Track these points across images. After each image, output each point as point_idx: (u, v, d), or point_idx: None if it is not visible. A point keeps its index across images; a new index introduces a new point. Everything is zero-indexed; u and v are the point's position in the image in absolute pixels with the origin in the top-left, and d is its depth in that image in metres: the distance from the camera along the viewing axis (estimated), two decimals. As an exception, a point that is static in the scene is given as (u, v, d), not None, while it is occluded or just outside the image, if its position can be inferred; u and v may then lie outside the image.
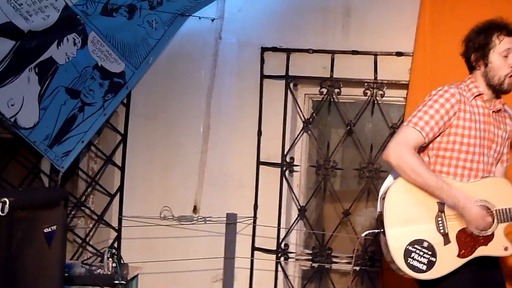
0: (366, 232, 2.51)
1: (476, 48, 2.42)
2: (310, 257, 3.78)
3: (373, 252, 3.71)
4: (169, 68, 3.87)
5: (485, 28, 2.43)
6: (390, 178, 2.49)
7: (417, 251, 2.26)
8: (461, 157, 2.36)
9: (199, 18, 3.81)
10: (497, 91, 2.46)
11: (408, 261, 2.25)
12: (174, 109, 3.86)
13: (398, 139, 2.30)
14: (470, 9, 3.60)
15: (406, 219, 2.28)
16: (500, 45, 2.37)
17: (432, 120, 2.30)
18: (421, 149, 2.46)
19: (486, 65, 2.40)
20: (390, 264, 2.38)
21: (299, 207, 3.76)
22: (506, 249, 2.36)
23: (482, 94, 2.43)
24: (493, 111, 2.49)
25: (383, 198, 2.32)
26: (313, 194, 3.78)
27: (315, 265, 3.74)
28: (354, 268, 3.68)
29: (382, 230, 2.30)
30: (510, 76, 2.41)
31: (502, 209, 2.33)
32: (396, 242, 2.27)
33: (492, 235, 2.34)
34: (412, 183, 2.27)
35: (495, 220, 2.34)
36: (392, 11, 3.67)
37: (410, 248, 2.26)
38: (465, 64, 2.61)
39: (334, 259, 3.75)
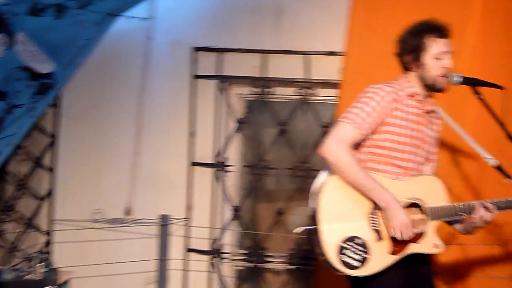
0: (300, 229, 2.52)
1: (409, 50, 2.43)
2: (245, 257, 3.79)
3: (307, 250, 3.75)
4: (100, 68, 3.86)
5: (419, 30, 2.49)
6: (323, 174, 2.50)
7: (350, 248, 2.28)
8: (394, 155, 2.37)
9: (130, 17, 3.79)
10: (432, 90, 2.52)
11: (341, 258, 2.26)
12: (106, 110, 3.85)
13: (335, 135, 2.31)
14: (401, 7, 3.69)
15: (339, 215, 2.29)
16: (434, 47, 2.40)
17: (369, 117, 2.31)
18: (355, 145, 2.49)
19: (420, 67, 2.42)
20: (323, 261, 2.40)
21: (233, 207, 3.77)
22: (436, 246, 2.40)
23: (416, 93, 2.50)
24: (425, 112, 2.55)
25: (317, 194, 2.38)
26: (247, 194, 3.80)
27: (250, 265, 3.77)
28: (289, 267, 3.71)
29: (315, 226, 2.30)
30: (443, 77, 2.47)
31: (433, 207, 2.37)
32: (329, 238, 2.27)
33: (424, 232, 2.37)
34: (346, 181, 2.28)
35: (427, 218, 2.37)
36: (323, 10, 3.74)
37: (343, 244, 2.27)
38: (397, 63, 2.65)
39: (268, 259, 3.78)
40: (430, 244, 2.39)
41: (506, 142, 3.57)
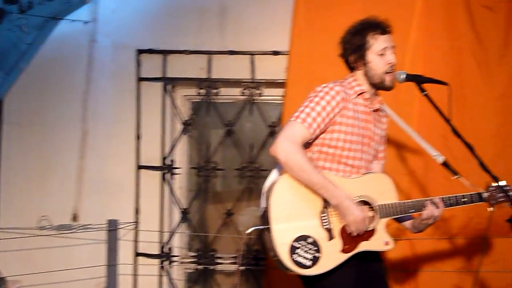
0: (251, 229, 2.51)
1: (353, 50, 2.49)
2: (195, 260, 3.82)
3: (258, 251, 3.79)
4: (42, 73, 3.84)
5: (360, 29, 2.49)
6: (274, 174, 2.54)
7: (302, 247, 2.30)
8: (343, 154, 2.43)
9: (72, 21, 3.80)
10: (380, 88, 2.57)
11: (293, 257, 2.29)
12: (50, 115, 3.84)
13: (285, 134, 2.33)
14: (344, 6, 3.76)
15: (291, 215, 2.31)
16: (376, 44, 2.45)
17: (319, 116, 2.35)
18: (306, 144, 2.53)
19: (365, 65, 2.47)
20: (275, 261, 2.42)
21: (181, 210, 3.79)
22: (386, 243, 2.45)
23: (364, 92, 2.49)
24: (372, 110, 2.60)
25: (268, 194, 2.35)
26: (195, 196, 3.82)
27: (200, 267, 3.80)
28: (239, 268, 3.73)
29: (267, 226, 2.31)
30: (389, 73, 2.52)
31: (383, 205, 2.42)
32: (281, 238, 2.29)
33: (374, 230, 2.42)
34: (297, 180, 2.31)
35: (376, 215, 2.42)
36: (267, 10, 3.79)
37: (295, 244, 2.29)
38: (340, 61, 2.69)
39: (218, 260, 3.80)
40: (380, 241, 2.44)
41: (451, 138, 3.69)
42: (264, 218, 2.34)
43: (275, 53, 3.72)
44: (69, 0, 3.70)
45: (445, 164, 2.71)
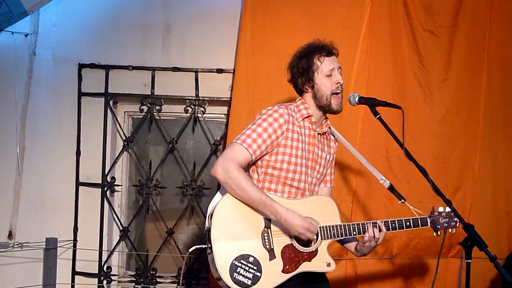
0: (192, 248, 2.68)
1: (301, 73, 2.68)
2: (134, 279, 3.98)
3: (198, 270, 3.96)
4: (-20, 86, 3.94)
5: (306, 52, 2.70)
6: (218, 196, 2.64)
7: (243, 266, 2.45)
8: (288, 176, 2.61)
9: (12, 33, 3.94)
10: (327, 111, 2.72)
11: (234, 276, 2.44)
12: (-14, 129, 3.94)
13: (226, 155, 2.50)
14: (290, 27, 3.98)
15: (233, 234, 2.48)
16: (323, 65, 2.66)
17: (260, 138, 2.53)
18: (251, 165, 2.66)
19: (313, 87, 2.67)
20: (217, 280, 2.53)
21: (120, 228, 3.95)
22: (328, 265, 2.63)
23: (311, 116, 2.68)
24: (318, 133, 2.74)
25: (211, 213, 2.52)
26: (135, 214, 4.00)
27: (139, 286, 3.96)
28: (180, 287, 3.91)
29: (209, 245, 2.47)
30: (335, 94, 2.68)
31: (326, 226, 2.61)
32: (222, 257, 2.45)
33: (316, 251, 2.60)
34: (238, 199, 2.49)
35: (319, 237, 2.60)
36: (212, 28, 4.02)
37: (236, 263, 2.45)
38: (286, 82, 2.91)
39: (158, 279, 3.96)
40: (322, 262, 2.61)
41: (393, 159, 3.94)
42: (207, 238, 2.49)
43: (219, 71, 3.95)
44: (9, 11, 3.83)
45: (391, 189, 2.95)
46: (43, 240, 3.94)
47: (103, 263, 4.01)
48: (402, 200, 2.88)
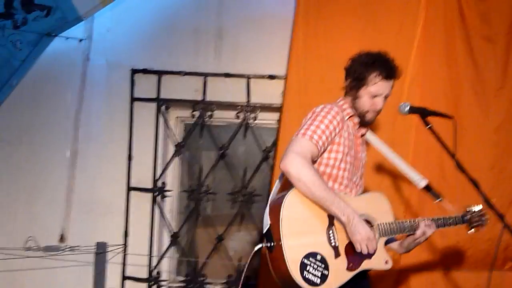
0: (259, 246, 2.55)
1: (353, 77, 2.72)
2: (183, 284, 4.12)
3: (248, 277, 4.06)
4: (34, 90, 4.19)
5: (369, 62, 2.69)
6: (277, 186, 2.71)
7: (312, 264, 2.46)
8: (339, 174, 2.68)
9: (66, 38, 4.14)
10: (361, 119, 2.78)
11: (304, 274, 2.44)
12: (40, 134, 4.19)
13: (295, 150, 2.51)
14: (342, 33, 4.10)
15: (301, 231, 2.49)
16: (374, 86, 2.68)
17: (324, 134, 2.58)
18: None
19: (354, 97, 2.73)
20: (282, 279, 2.49)
21: (171, 233, 4.08)
22: (386, 262, 2.68)
23: (354, 116, 2.75)
24: (360, 134, 2.83)
25: (277, 210, 2.50)
26: (186, 219, 4.14)
27: (189, 292, 4.07)
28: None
29: (273, 243, 2.47)
30: (371, 112, 2.74)
31: (383, 223, 2.67)
32: (292, 254, 2.44)
33: (376, 249, 2.63)
34: (308, 195, 2.49)
35: (377, 234, 2.66)
36: (264, 34, 4.18)
37: (306, 260, 2.45)
38: (338, 88, 2.91)
39: (207, 286, 4.08)
40: (381, 260, 2.67)
41: (448, 168, 3.99)
42: (271, 235, 2.49)
43: (271, 77, 4.11)
44: (64, 17, 4.03)
45: (426, 188, 3.02)
46: (94, 244, 4.06)
47: (152, 268, 4.13)
48: (440, 199, 2.97)
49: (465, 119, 4.06)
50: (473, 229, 2.94)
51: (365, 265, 2.63)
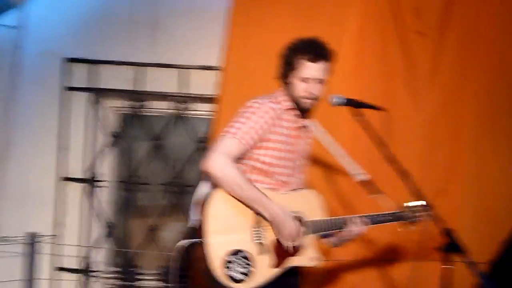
0: (180, 242, 2.61)
1: (283, 65, 2.75)
2: (116, 275, 4.13)
3: (182, 267, 4.08)
4: (-37, 78, 4.08)
5: (297, 47, 2.72)
6: (203, 186, 2.68)
7: (236, 261, 2.51)
8: (275, 170, 2.68)
9: (-3, 25, 4.04)
10: (298, 107, 2.76)
11: (228, 272, 2.49)
12: (-30, 123, 4.08)
13: (218, 149, 2.53)
14: (277, 24, 4.12)
15: (225, 228, 2.53)
16: (302, 71, 2.69)
17: (252, 130, 2.59)
18: (238, 159, 2.66)
19: (287, 84, 2.74)
20: (206, 275, 2.54)
21: (104, 224, 4.08)
22: (314, 259, 2.73)
23: (293, 108, 2.74)
24: (300, 126, 2.81)
25: (203, 206, 2.54)
26: (119, 210, 4.14)
27: (122, 283, 4.08)
28: (162, 284, 4.05)
29: (200, 240, 2.50)
30: (306, 98, 2.72)
31: (311, 220, 2.71)
32: (215, 251, 2.49)
33: (303, 245, 2.69)
34: (232, 195, 2.53)
35: (307, 231, 2.70)
36: (199, 24, 4.20)
37: (229, 258, 2.51)
38: (274, 78, 2.93)
39: (141, 276, 4.09)
40: (308, 257, 2.72)
41: (379, 162, 4.06)
42: (197, 231, 2.53)
43: (206, 67, 4.13)
44: (-5, 4, 3.94)
45: (363, 183, 3.08)
46: (24, 235, 4.05)
47: (85, 259, 4.14)
48: (377, 194, 3.02)
49: (396, 112, 4.11)
50: (408, 226, 2.99)
51: (291, 261, 2.68)
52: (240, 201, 2.57)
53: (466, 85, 4.18)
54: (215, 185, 2.59)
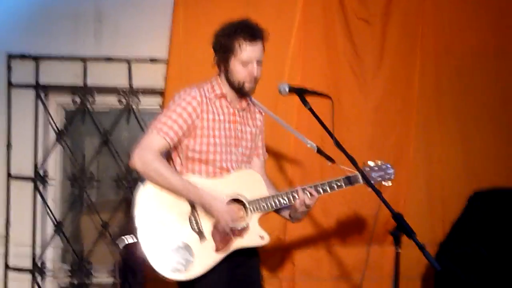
0: (120, 239, 2.71)
1: (220, 49, 2.77)
2: (69, 273, 4.10)
3: (135, 263, 4.09)
4: None
5: (232, 31, 2.73)
6: (140, 185, 2.74)
7: (175, 253, 2.57)
8: (209, 157, 2.72)
9: None
10: (238, 92, 2.80)
11: (167, 264, 2.55)
12: None
13: (142, 145, 2.63)
14: (224, 16, 4.03)
15: (159, 222, 2.59)
16: (241, 54, 2.70)
17: (175, 124, 2.64)
18: (172, 151, 2.76)
19: (227, 69, 2.75)
20: (152, 270, 2.61)
21: (55, 222, 4.06)
22: (262, 238, 2.75)
23: (225, 95, 2.78)
24: (239, 110, 2.84)
25: (133, 204, 2.65)
26: (70, 207, 4.13)
27: (74, 281, 4.07)
28: (116, 280, 4.06)
29: (135, 237, 2.59)
30: (247, 82, 2.75)
31: (254, 200, 2.73)
32: (152, 247, 2.56)
33: (248, 226, 2.72)
34: (160, 187, 2.60)
35: (249, 212, 2.73)
36: (145, 17, 4.22)
37: (167, 250, 2.56)
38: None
39: (94, 273, 4.10)
40: (255, 237, 2.74)
41: (329, 148, 4.12)
42: (132, 228, 2.62)
43: (153, 60, 4.13)
44: None
45: (319, 152, 3.12)
46: (-29, 235, 4.04)
47: (37, 258, 4.12)
48: (332, 162, 3.05)
49: (345, 99, 4.23)
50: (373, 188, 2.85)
51: (238, 244, 2.70)
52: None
53: (412, 70, 4.28)
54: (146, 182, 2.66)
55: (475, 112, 4.37)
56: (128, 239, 2.75)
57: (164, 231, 2.61)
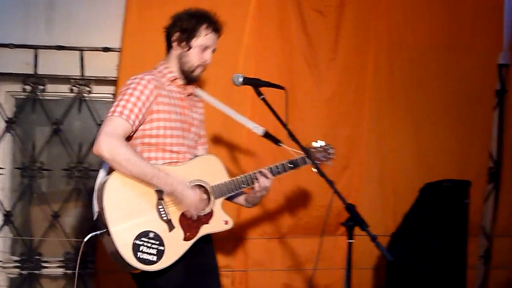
0: (89, 236, 2.63)
1: (182, 29, 2.83)
2: (18, 264, 4.08)
3: (85, 253, 4.10)
4: None
5: (199, 16, 2.86)
6: (102, 174, 2.74)
7: (145, 244, 2.56)
8: (166, 141, 2.75)
9: None
10: (187, 76, 2.87)
11: (138, 256, 2.54)
12: None
13: (106, 130, 2.58)
14: (178, 5, 4.05)
15: (128, 213, 2.57)
16: (204, 38, 2.83)
17: (136, 107, 2.65)
18: (129, 138, 2.74)
19: (183, 49, 2.83)
20: (118, 263, 2.60)
21: (3, 212, 4.05)
22: (226, 222, 2.83)
23: (177, 78, 2.85)
24: (187, 95, 2.91)
25: (100, 196, 2.59)
26: (19, 197, 4.11)
27: (24, 272, 4.07)
28: (67, 271, 4.06)
29: (105, 230, 2.55)
30: (200, 67, 2.87)
31: (216, 185, 2.80)
32: (122, 239, 2.54)
33: (212, 212, 2.78)
34: (128, 175, 2.58)
35: (212, 197, 2.78)
36: (98, 5, 4.25)
37: (137, 242, 2.55)
38: None
39: (44, 264, 4.10)
40: (220, 222, 2.82)
41: (283, 140, 4.17)
42: (100, 221, 2.59)
43: (106, 49, 4.15)
44: None
45: (266, 135, 3.17)
46: None
47: (-15, 249, 4.11)
48: (280, 144, 3.13)
49: (299, 91, 4.29)
50: (317, 169, 2.87)
51: (204, 230, 2.76)
52: (138, 181, 2.61)
53: (365, 62, 4.38)
54: (111, 170, 2.69)
55: (427, 105, 4.48)
56: (96, 234, 2.65)
57: (134, 223, 2.59)
